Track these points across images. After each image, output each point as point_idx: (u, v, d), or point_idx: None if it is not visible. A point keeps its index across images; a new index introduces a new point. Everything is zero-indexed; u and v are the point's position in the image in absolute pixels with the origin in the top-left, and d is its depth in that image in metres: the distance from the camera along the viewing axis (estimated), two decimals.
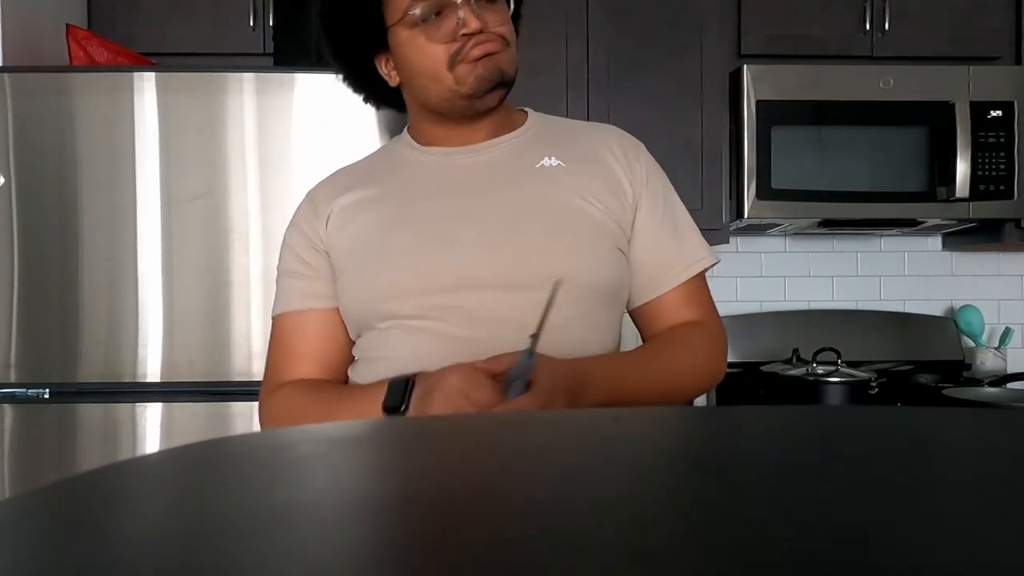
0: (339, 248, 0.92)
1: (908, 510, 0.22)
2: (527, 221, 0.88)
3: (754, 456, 0.29)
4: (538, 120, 1.00)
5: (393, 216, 0.90)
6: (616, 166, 0.93)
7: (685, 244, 0.94)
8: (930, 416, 0.39)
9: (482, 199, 0.90)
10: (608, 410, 0.58)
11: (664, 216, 0.94)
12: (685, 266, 0.93)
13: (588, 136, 0.97)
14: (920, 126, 1.92)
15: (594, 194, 0.90)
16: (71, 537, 0.20)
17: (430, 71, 0.88)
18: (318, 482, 0.26)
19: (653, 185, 0.94)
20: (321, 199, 0.96)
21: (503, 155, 0.94)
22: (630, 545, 0.19)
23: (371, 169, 0.98)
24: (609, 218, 0.90)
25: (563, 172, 0.91)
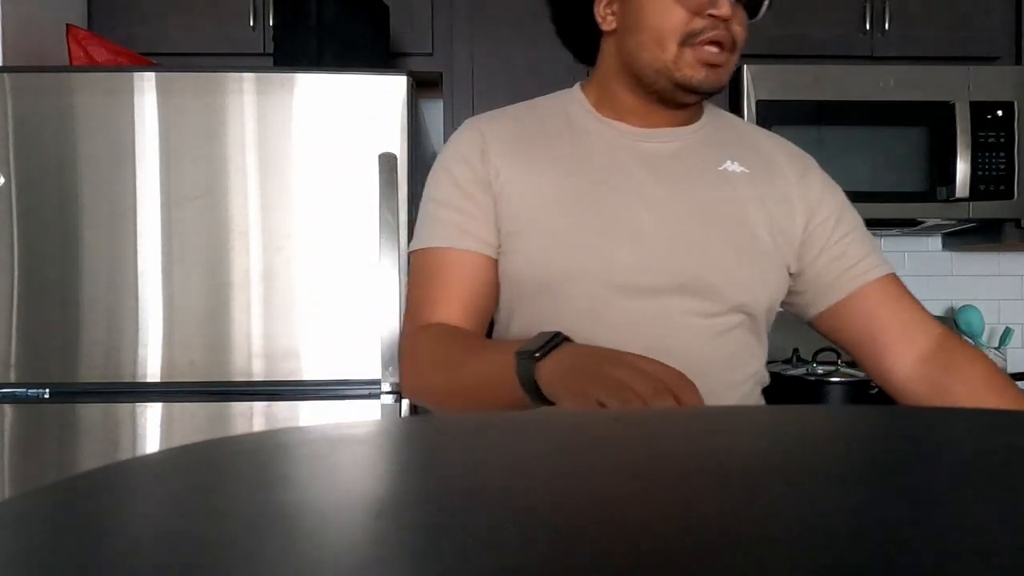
0: (511, 210, 0.86)
1: (908, 510, 0.22)
2: (710, 228, 0.85)
3: (754, 456, 0.29)
4: (713, 115, 0.96)
5: (572, 191, 0.85)
6: (791, 178, 0.91)
7: (870, 247, 0.92)
8: (930, 416, 0.39)
9: (668, 195, 0.86)
10: (608, 410, 0.58)
11: (838, 225, 0.92)
12: (877, 262, 0.91)
13: (764, 144, 0.95)
14: (920, 126, 1.92)
15: (772, 207, 0.88)
16: (71, 537, 0.20)
17: (658, 33, 0.83)
18: (318, 482, 0.26)
19: (827, 200, 0.93)
20: (492, 140, 0.89)
21: (688, 148, 0.90)
22: (630, 545, 0.19)
23: (545, 125, 0.91)
24: (782, 234, 0.89)
25: (746, 180, 0.89)
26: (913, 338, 0.88)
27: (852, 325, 0.91)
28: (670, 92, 0.86)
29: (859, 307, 0.90)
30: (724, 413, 0.40)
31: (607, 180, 0.87)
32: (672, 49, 0.82)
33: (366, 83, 1.51)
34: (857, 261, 0.90)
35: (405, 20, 1.96)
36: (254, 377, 1.49)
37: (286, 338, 1.49)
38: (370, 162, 1.50)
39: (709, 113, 0.96)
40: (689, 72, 0.83)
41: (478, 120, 0.94)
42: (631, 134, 0.90)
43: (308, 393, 1.50)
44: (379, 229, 1.49)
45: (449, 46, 1.99)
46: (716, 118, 0.96)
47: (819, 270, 0.91)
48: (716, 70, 0.83)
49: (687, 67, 0.83)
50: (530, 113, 0.94)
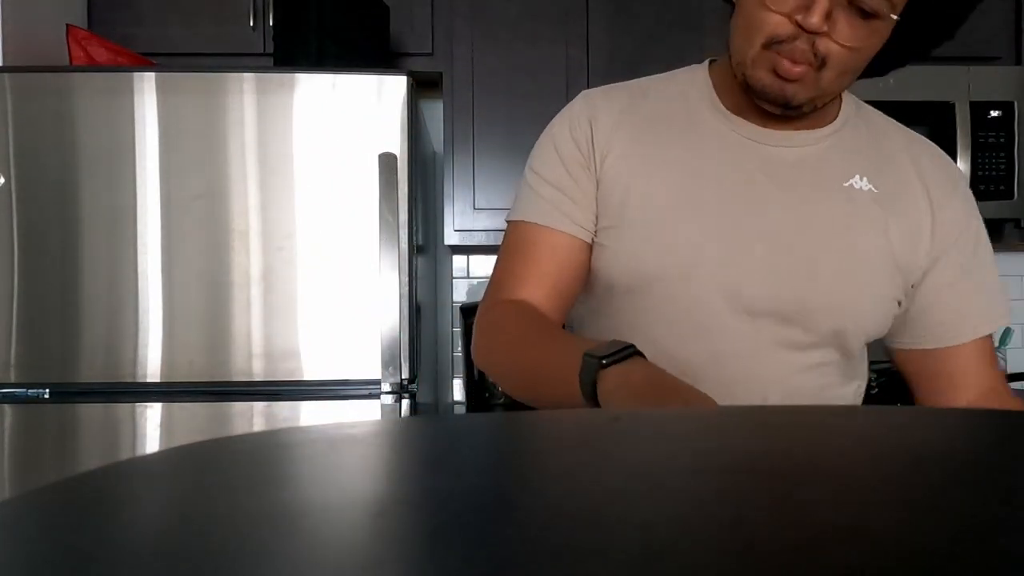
0: (614, 199, 0.83)
1: (907, 510, 0.22)
2: (820, 248, 0.80)
3: (754, 456, 0.29)
4: (855, 115, 0.89)
5: (684, 192, 0.81)
6: (923, 206, 0.84)
7: (986, 299, 0.88)
8: (930, 416, 0.39)
9: (782, 209, 0.80)
10: (608, 410, 0.58)
11: (963, 272, 0.86)
12: (982, 322, 0.87)
13: (903, 157, 0.87)
14: (920, 126, 1.92)
15: (895, 233, 0.82)
16: (71, 537, 0.20)
17: (747, 29, 0.77)
18: (318, 482, 0.26)
19: (960, 239, 0.85)
20: (603, 121, 0.85)
21: (813, 157, 0.83)
22: (630, 546, 0.19)
23: (661, 111, 0.86)
24: (899, 267, 0.82)
25: (871, 201, 0.82)
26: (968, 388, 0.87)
27: (928, 369, 0.88)
28: (746, 90, 0.80)
29: (943, 358, 0.87)
30: (725, 413, 0.40)
31: (719, 184, 0.81)
32: (756, 47, 0.76)
33: (366, 83, 1.51)
34: (966, 317, 0.86)
35: (405, 20, 1.96)
36: (254, 377, 1.49)
37: (286, 338, 1.49)
38: (370, 162, 1.50)
39: (848, 110, 0.88)
40: (759, 74, 0.77)
41: (594, 94, 0.89)
42: (753, 135, 0.83)
43: (308, 393, 1.50)
44: (379, 229, 1.49)
45: (449, 46, 1.99)
46: (856, 118, 0.88)
47: (925, 312, 0.86)
48: (789, 84, 0.76)
49: (759, 69, 0.77)
50: (649, 93, 0.89)
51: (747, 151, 0.83)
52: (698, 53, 2.01)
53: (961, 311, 0.85)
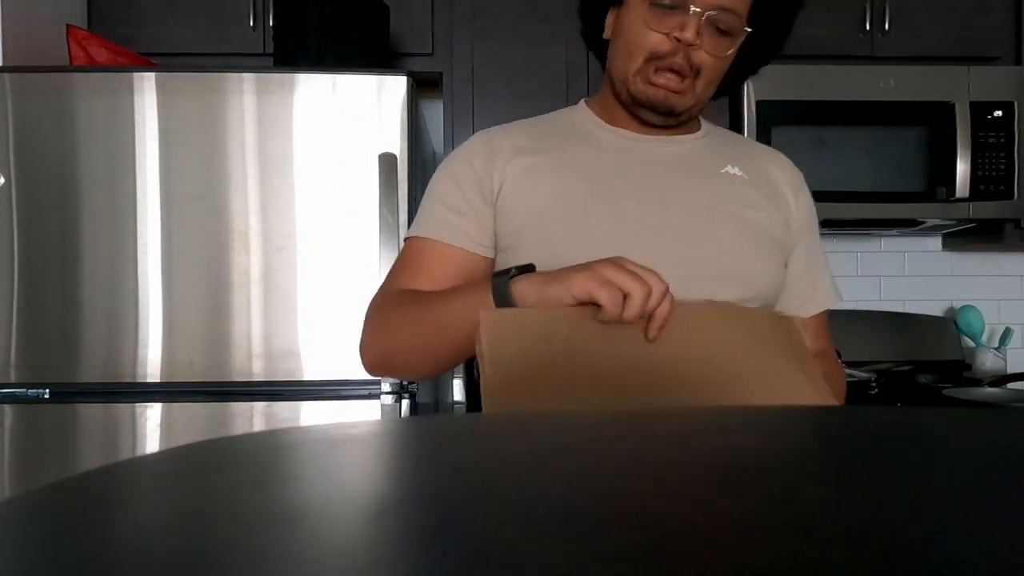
0: (516, 209, 0.90)
1: (907, 510, 0.22)
2: (715, 220, 0.90)
3: (754, 456, 0.29)
4: (712, 128, 1.03)
5: (582, 190, 0.89)
6: (787, 193, 0.98)
7: (825, 279, 1.02)
8: (930, 416, 0.39)
9: (674, 191, 0.91)
10: (608, 410, 0.58)
11: (813, 250, 1.01)
12: (822, 299, 1.01)
13: (761, 156, 1.01)
14: (920, 126, 1.92)
15: (771, 210, 0.94)
16: (71, 537, 0.20)
17: (629, 47, 0.89)
18: (318, 482, 0.26)
19: (810, 221, 1.01)
20: (501, 149, 0.93)
21: (689, 153, 0.96)
22: (630, 546, 0.19)
23: (552, 134, 0.96)
24: (780, 234, 0.94)
25: (745, 184, 0.94)
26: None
27: None
28: (630, 104, 0.92)
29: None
30: (724, 413, 0.40)
31: (616, 179, 0.91)
32: (638, 62, 0.88)
33: (366, 83, 1.51)
34: (813, 295, 1.00)
35: (405, 20, 1.96)
36: (254, 377, 1.49)
37: (286, 338, 1.49)
38: (370, 162, 1.50)
39: (708, 127, 1.02)
40: (643, 87, 0.89)
41: (489, 130, 0.98)
42: (636, 139, 0.95)
43: (308, 393, 1.50)
44: (379, 229, 1.49)
45: (449, 46, 1.99)
46: (715, 130, 1.02)
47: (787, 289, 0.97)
48: (668, 95, 0.89)
49: (643, 82, 0.89)
50: (539, 123, 0.99)
51: (635, 152, 0.94)
52: None
53: (811, 290, 1.00)
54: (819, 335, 1.01)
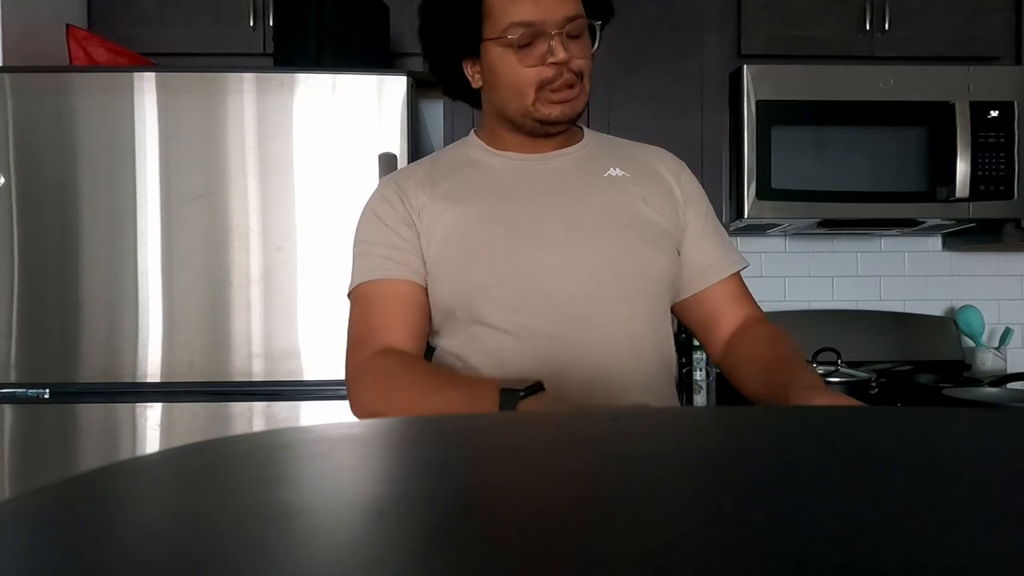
0: (434, 237, 0.97)
1: (907, 511, 0.22)
2: (605, 222, 0.97)
3: (754, 456, 0.29)
4: (594, 136, 1.10)
5: (483, 214, 0.97)
6: (669, 178, 1.06)
7: (726, 246, 1.07)
8: (930, 416, 0.39)
9: (562, 201, 0.99)
10: (608, 411, 0.59)
11: (707, 223, 1.07)
12: (730, 263, 1.06)
13: (642, 153, 1.09)
14: (920, 126, 1.92)
15: (655, 201, 1.02)
16: (71, 537, 0.20)
17: (515, 87, 0.97)
18: (318, 482, 0.26)
19: (697, 197, 1.07)
20: (409, 188, 1.01)
21: (573, 164, 1.04)
22: (630, 545, 0.19)
23: (450, 166, 1.04)
24: (667, 222, 1.01)
25: (628, 181, 1.02)
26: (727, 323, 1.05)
27: (698, 315, 1.07)
28: (538, 128, 1.00)
29: (702, 301, 1.05)
30: (724, 413, 0.40)
31: (510, 198, 0.99)
32: (531, 95, 0.96)
33: (366, 83, 1.51)
34: (715, 261, 1.05)
35: (405, 20, 1.96)
36: (254, 377, 1.49)
37: (286, 338, 1.49)
38: (370, 162, 1.50)
39: (590, 134, 1.10)
40: (546, 111, 0.97)
41: (392, 176, 1.06)
42: (524, 159, 1.03)
43: (308, 393, 1.50)
44: None
45: None
46: (596, 138, 1.10)
47: (685, 265, 1.04)
48: (570, 103, 0.97)
49: (544, 108, 0.97)
50: (437, 162, 1.06)
51: (525, 171, 1.02)
52: (698, 52, 2.02)
53: (707, 258, 1.05)
54: (741, 300, 1.05)
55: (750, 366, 0.98)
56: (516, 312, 0.94)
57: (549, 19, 0.93)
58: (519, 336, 0.93)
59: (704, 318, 1.06)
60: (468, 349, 0.96)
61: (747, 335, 1.02)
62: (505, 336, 0.94)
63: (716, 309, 1.05)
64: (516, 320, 0.93)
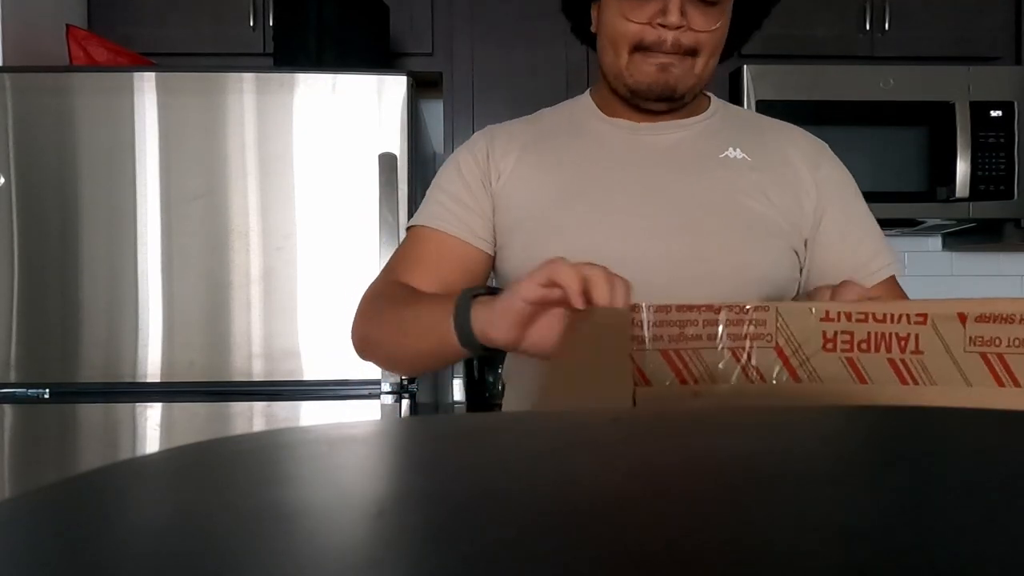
0: (511, 205, 0.90)
1: (907, 510, 0.22)
2: (705, 211, 0.86)
3: (754, 456, 0.29)
4: (721, 107, 0.98)
5: (572, 186, 0.88)
6: (802, 167, 0.92)
7: (875, 248, 0.93)
8: (930, 416, 0.39)
9: (664, 181, 0.88)
10: (608, 410, 0.58)
11: (851, 220, 0.93)
12: (877, 267, 0.93)
13: (773, 132, 0.96)
14: (920, 126, 1.92)
15: (775, 193, 0.89)
16: (71, 537, 0.20)
17: (612, 42, 0.87)
18: (318, 482, 0.26)
19: (839, 190, 0.93)
20: (500, 144, 0.93)
21: (689, 138, 0.92)
22: (631, 547, 0.19)
23: (552, 130, 0.95)
24: (785, 218, 0.89)
25: (747, 166, 0.90)
26: None
27: None
28: (630, 97, 0.89)
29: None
30: (724, 413, 0.40)
31: (605, 174, 0.89)
32: (624, 56, 0.86)
33: (366, 83, 1.51)
34: (864, 263, 0.92)
35: (405, 20, 1.96)
36: (254, 377, 1.49)
37: (286, 338, 1.49)
38: (370, 162, 1.50)
39: (717, 104, 0.97)
40: (639, 77, 0.86)
41: (492, 126, 0.98)
42: (632, 129, 0.92)
43: (308, 393, 1.50)
44: (379, 229, 1.49)
45: (449, 46, 1.99)
46: (723, 109, 0.98)
47: (824, 266, 0.91)
48: (667, 73, 0.85)
49: (638, 72, 0.86)
50: (541, 119, 0.98)
51: (628, 143, 0.91)
52: None
53: (855, 259, 0.91)
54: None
55: None
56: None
57: None
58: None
59: None
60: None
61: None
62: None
63: None
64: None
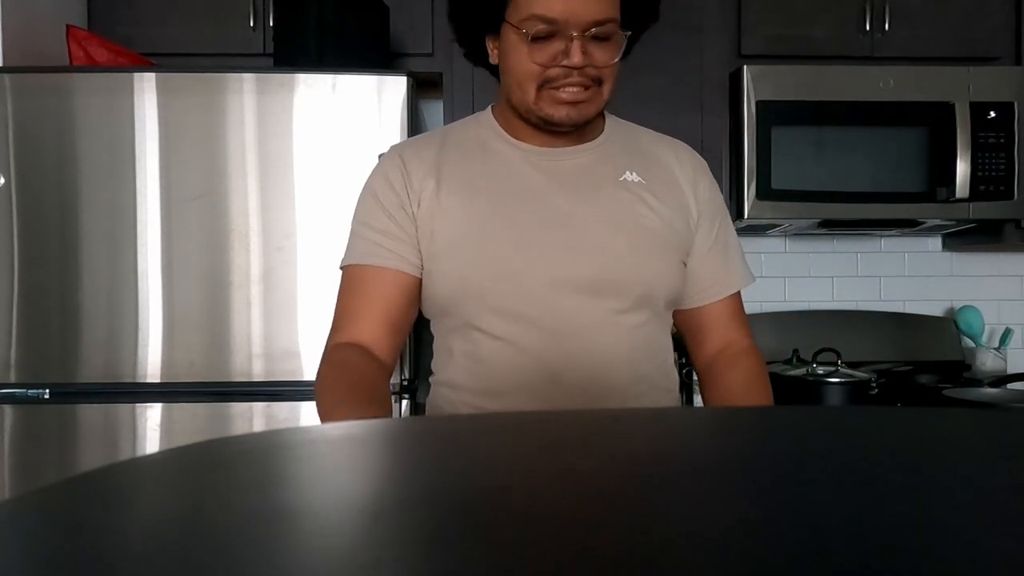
0: (434, 231, 0.94)
1: (908, 510, 0.22)
2: (613, 232, 0.94)
3: (754, 456, 0.29)
4: (615, 127, 1.04)
5: (489, 213, 0.94)
6: (685, 187, 1.01)
7: (733, 264, 1.04)
8: (930, 416, 0.39)
9: (571, 206, 0.95)
10: (609, 410, 0.58)
11: (718, 236, 1.03)
12: (731, 282, 1.04)
13: (662, 152, 1.03)
14: (920, 126, 1.92)
15: (667, 212, 0.98)
16: (71, 537, 0.20)
17: (519, 79, 0.91)
18: (318, 482, 0.26)
19: (712, 208, 1.03)
20: (414, 168, 0.96)
21: (589, 163, 0.98)
22: (630, 546, 0.19)
23: (461, 152, 0.99)
24: (676, 234, 0.98)
25: (643, 189, 0.98)
26: (714, 340, 1.05)
27: (692, 325, 1.06)
28: (542, 125, 0.95)
29: (699, 315, 1.04)
30: (724, 413, 0.40)
31: (517, 198, 0.95)
32: (532, 92, 0.91)
33: (366, 83, 1.51)
34: (720, 279, 1.03)
35: (405, 20, 1.96)
36: (254, 377, 1.49)
37: (286, 338, 1.49)
38: (370, 162, 1.50)
39: (611, 126, 1.03)
40: (550, 111, 0.91)
41: (401, 147, 1.02)
42: (537, 153, 0.98)
43: (308, 393, 1.50)
44: None
45: (449, 46, 1.98)
46: (618, 131, 1.04)
47: (692, 278, 1.02)
48: (578, 106, 0.91)
49: (548, 107, 0.91)
50: (447, 139, 1.01)
51: (535, 167, 0.97)
52: (698, 52, 2.01)
53: (713, 276, 1.03)
54: (732, 321, 1.04)
55: (728, 397, 0.98)
56: (511, 322, 0.92)
57: (573, 19, 0.86)
58: (514, 345, 0.92)
59: (694, 330, 1.06)
60: (461, 349, 0.95)
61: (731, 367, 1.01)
62: (499, 344, 0.92)
63: (706, 326, 1.04)
64: (510, 330, 0.92)
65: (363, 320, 0.94)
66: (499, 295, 0.92)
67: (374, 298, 0.95)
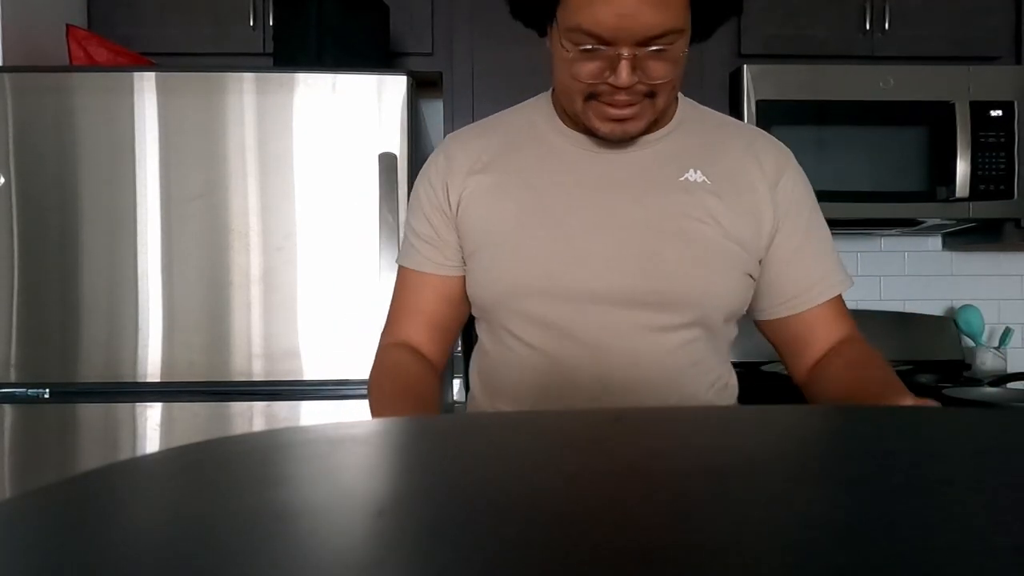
0: (473, 230, 0.90)
1: (908, 510, 0.22)
2: (663, 240, 0.85)
3: (755, 456, 0.29)
4: (688, 114, 0.94)
5: (530, 210, 0.87)
6: (761, 187, 0.90)
7: (827, 265, 0.93)
8: (930, 416, 0.39)
9: (621, 207, 0.86)
10: (609, 410, 0.58)
11: (806, 238, 0.92)
12: (827, 287, 0.93)
13: (736, 146, 0.92)
14: (920, 126, 1.92)
15: (733, 218, 0.87)
16: (71, 537, 0.20)
17: (565, 88, 0.85)
18: (318, 482, 0.26)
19: (798, 205, 0.92)
20: (458, 164, 0.92)
21: (648, 159, 0.89)
22: (630, 546, 0.19)
23: (512, 141, 0.92)
24: (742, 245, 0.88)
25: (705, 190, 0.87)
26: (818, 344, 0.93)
27: (786, 335, 0.95)
28: (591, 133, 0.88)
29: (800, 324, 0.93)
30: (724, 413, 0.40)
31: (563, 196, 0.88)
32: (579, 103, 0.84)
33: (366, 83, 1.51)
34: (814, 283, 0.92)
35: (405, 20, 1.96)
36: (254, 377, 1.49)
37: (286, 338, 1.49)
38: (370, 162, 1.50)
39: (683, 112, 0.94)
40: (596, 124, 0.84)
41: (451, 138, 0.97)
42: (593, 148, 0.90)
43: (308, 393, 1.50)
44: (379, 229, 1.49)
45: (449, 46, 1.99)
46: (689, 119, 0.94)
47: (776, 284, 0.92)
48: (625, 123, 0.83)
49: (594, 120, 0.84)
50: (499, 126, 0.96)
51: (588, 161, 0.89)
52: (698, 52, 2.01)
53: (806, 279, 0.92)
54: (835, 322, 0.93)
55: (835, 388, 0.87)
56: (546, 331, 0.86)
57: (623, 36, 0.75)
58: (549, 357, 0.86)
59: (790, 340, 0.94)
60: (496, 351, 0.92)
61: (838, 357, 0.90)
62: (533, 354, 0.87)
63: (806, 334, 0.92)
64: (546, 339, 0.86)
65: (407, 322, 0.95)
66: (530, 301, 0.86)
67: (415, 301, 0.95)
